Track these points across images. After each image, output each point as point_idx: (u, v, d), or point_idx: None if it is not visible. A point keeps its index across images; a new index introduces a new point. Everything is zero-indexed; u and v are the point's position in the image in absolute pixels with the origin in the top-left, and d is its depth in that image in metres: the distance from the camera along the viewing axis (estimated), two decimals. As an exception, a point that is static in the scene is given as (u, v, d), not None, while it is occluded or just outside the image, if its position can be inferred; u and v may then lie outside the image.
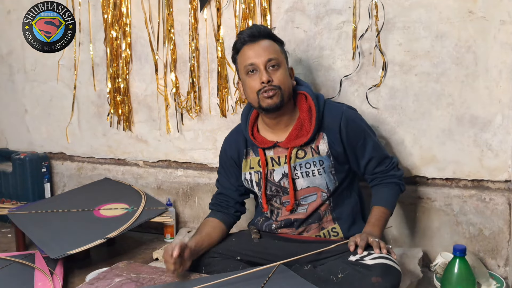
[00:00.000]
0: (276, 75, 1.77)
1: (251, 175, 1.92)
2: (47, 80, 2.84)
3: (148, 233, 2.57)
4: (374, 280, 1.55)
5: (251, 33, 1.80)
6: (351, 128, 1.83)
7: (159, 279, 1.68)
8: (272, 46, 1.81)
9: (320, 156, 1.83)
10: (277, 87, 1.76)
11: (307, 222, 1.87)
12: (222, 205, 1.99)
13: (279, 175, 1.87)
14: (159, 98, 2.58)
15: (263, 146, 1.87)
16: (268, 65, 1.77)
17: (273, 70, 1.77)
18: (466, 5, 1.97)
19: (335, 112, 1.84)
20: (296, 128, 1.83)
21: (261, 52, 1.77)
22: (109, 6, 2.56)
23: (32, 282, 1.90)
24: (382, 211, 1.83)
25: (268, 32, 1.85)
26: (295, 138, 1.83)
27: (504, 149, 2.01)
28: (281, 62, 1.80)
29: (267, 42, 1.81)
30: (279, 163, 1.86)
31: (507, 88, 1.97)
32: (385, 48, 2.11)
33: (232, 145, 1.97)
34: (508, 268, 2.04)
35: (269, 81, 1.75)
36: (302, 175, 1.84)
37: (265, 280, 1.56)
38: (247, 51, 1.80)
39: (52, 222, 2.25)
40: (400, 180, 1.91)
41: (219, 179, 2.04)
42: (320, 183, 1.83)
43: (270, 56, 1.77)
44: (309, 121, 1.82)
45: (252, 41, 1.80)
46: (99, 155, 2.80)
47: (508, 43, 1.94)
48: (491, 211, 2.05)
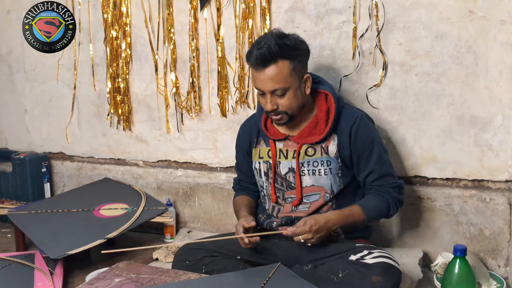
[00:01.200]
0: (282, 101, 1.77)
1: (260, 164, 1.94)
2: (47, 80, 2.84)
3: (148, 233, 2.57)
4: (375, 280, 1.55)
5: (260, 56, 1.72)
6: (361, 135, 1.82)
7: (159, 279, 1.68)
8: (279, 73, 1.73)
9: (328, 157, 1.83)
10: (283, 112, 1.78)
11: None
12: (244, 190, 2.08)
13: (285, 169, 1.87)
14: (159, 98, 2.57)
15: (275, 138, 1.89)
16: (274, 93, 1.76)
17: (279, 97, 1.76)
18: (466, 5, 1.97)
19: (351, 116, 1.84)
20: (310, 125, 1.84)
21: (267, 81, 1.74)
22: (109, 6, 2.56)
23: (32, 282, 1.90)
24: (356, 210, 1.78)
25: (280, 51, 1.72)
26: (307, 135, 1.84)
27: (505, 149, 2.01)
28: (289, 87, 1.75)
29: (274, 69, 1.73)
30: (286, 156, 1.87)
31: (508, 88, 1.97)
32: (385, 48, 2.10)
33: (245, 133, 2.02)
34: (508, 268, 2.03)
35: (274, 109, 1.77)
36: (308, 172, 1.84)
37: (265, 280, 1.56)
38: (255, 74, 1.77)
39: (52, 222, 2.25)
40: (394, 201, 1.83)
41: (237, 164, 2.12)
42: (325, 183, 1.83)
43: (275, 87, 1.74)
44: (325, 121, 1.83)
45: (260, 67, 1.74)
46: (99, 155, 2.80)
47: (508, 43, 1.94)
48: (492, 211, 2.04)
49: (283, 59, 1.73)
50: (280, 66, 1.73)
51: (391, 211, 1.82)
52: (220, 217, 2.53)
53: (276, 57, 1.72)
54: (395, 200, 1.83)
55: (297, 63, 1.76)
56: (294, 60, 1.75)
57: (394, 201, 1.83)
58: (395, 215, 1.91)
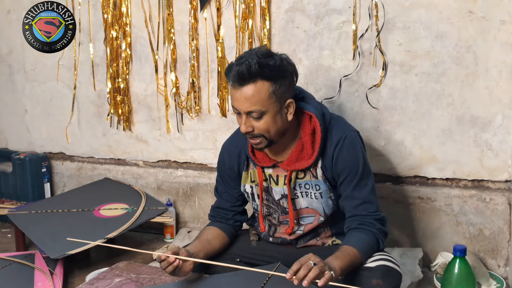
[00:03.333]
0: (259, 124, 1.62)
1: (252, 188, 1.82)
2: (47, 80, 2.84)
3: (148, 233, 2.58)
4: (375, 283, 1.54)
5: (239, 74, 1.58)
6: (343, 157, 1.68)
7: (159, 279, 1.68)
8: (257, 94, 1.58)
9: (317, 180, 1.73)
10: (260, 135, 1.63)
11: (305, 239, 1.82)
12: (221, 218, 1.88)
13: (278, 195, 1.79)
14: (159, 98, 2.57)
15: (263, 165, 1.76)
16: (250, 114, 1.61)
17: (255, 119, 1.61)
18: (466, 5, 1.97)
19: (335, 136, 1.70)
20: (296, 150, 1.71)
21: (243, 101, 1.60)
22: (109, 6, 2.56)
23: (32, 282, 1.90)
24: (352, 251, 1.58)
25: (258, 71, 1.57)
26: (295, 161, 1.71)
27: (504, 149, 2.01)
28: (266, 110, 1.60)
29: (251, 89, 1.58)
30: (277, 182, 1.77)
31: (507, 88, 1.97)
32: (385, 48, 2.10)
33: (231, 155, 1.85)
34: (508, 268, 2.03)
35: (249, 131, 1.63)
36: (302, 194, 1.76)
37: (265, 280, 1.56)
38: (232, 91, 1.63)
39: (52, 222, 2.25)
40: (380, 233, 1.66)
41: (218, 188, 1.92)
42: (317, 206, 1.75)
43: (251, 108, 1.59)
44: (311, 144, 1.69)
45: (238, 85, 1.60)
46: (99, 155, 2.80)
47: (508, 43, 1.94)
48: (491, 211, 2.04)
49: (262, 80, 1.58)
50: (259, 87, 1.58)
51: (381, 245, 1.66)
52: (220, 217, 2.52)
53: (255, 76, 1.57)
54: (381, 232, 1.67)
55: (278, 86, 1.60)
56: (275, 83, 1.59)
57: (381, 234, 1.68)
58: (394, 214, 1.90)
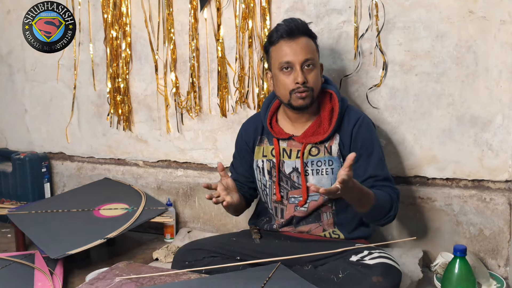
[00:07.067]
0: (311, 76, 1.76)
1: (263, 162, 1.92)
2: (47, 80, 2.84)
3: (148, 233, 2.57)
4: (375, 280, 1.55)
5: (290, 28, 1.75)
6: (362, 135, 1.81)
7: (159, 279, 1.68)
8: (310, 45, 1.78)
9: (331, 156, 1.82)
10: (310, 89, 1.76)
11: (307, 220, 1.87)
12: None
13: (289, 168, 1.87)
14: (159, 98, 2.57)
15: (279, 136, 1.88)
16: (304, 65, 1.75)
17: (308, 70, 1.76)
18: (466, 5, 1.97)
19: (354, 116, 1.84)
20: (314, 125, 1.84)
21: (299, 51, 1.74)
22: (109, 6, 2.56)
23: (32, 282, 1.89)
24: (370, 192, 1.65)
25: (306, 28, 1.80)
26: (311, 135, 1.83)
27: (505, 149, 2.01)
28: (316, 62, 1.79)
29: (305, 40, 1.77)
30: (290, 156, 1.86)
31: (508, 88, 1.97)
32: (385, 48, 2.10)
33: (248, 130, 1.99)
34: (508, 268, 2.03)
35: (304, 82, 1.74)
36: (312, 172, 1.83)
37: (265, 280, 1.56)
38: (284, 47, 1.76)
39: (52, 222, 2.25)
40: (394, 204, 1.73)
41: (234, 163, 2.06)
42: (326, 183, 1.82)
43: (307, 56, 1.75)
44: (329, 121, 1.82)
45: (290, 38, 1.75)
46: (99, 155, 2.80)
47: (508, 43, 1.94)
48: (492, 211, 2.04)
49: (309, 37, 1.79)
50: (309, 40, 1.79)
51: (391, 211, 1.73)
52: (220, 217, 2.52)
53: (304, 32, 1.78)
54: (395, 203, 1.75)
55: (316, 47, 1.83)
56: (315, 44, 1.82)
57: (394, 205, 1.75)
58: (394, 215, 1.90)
